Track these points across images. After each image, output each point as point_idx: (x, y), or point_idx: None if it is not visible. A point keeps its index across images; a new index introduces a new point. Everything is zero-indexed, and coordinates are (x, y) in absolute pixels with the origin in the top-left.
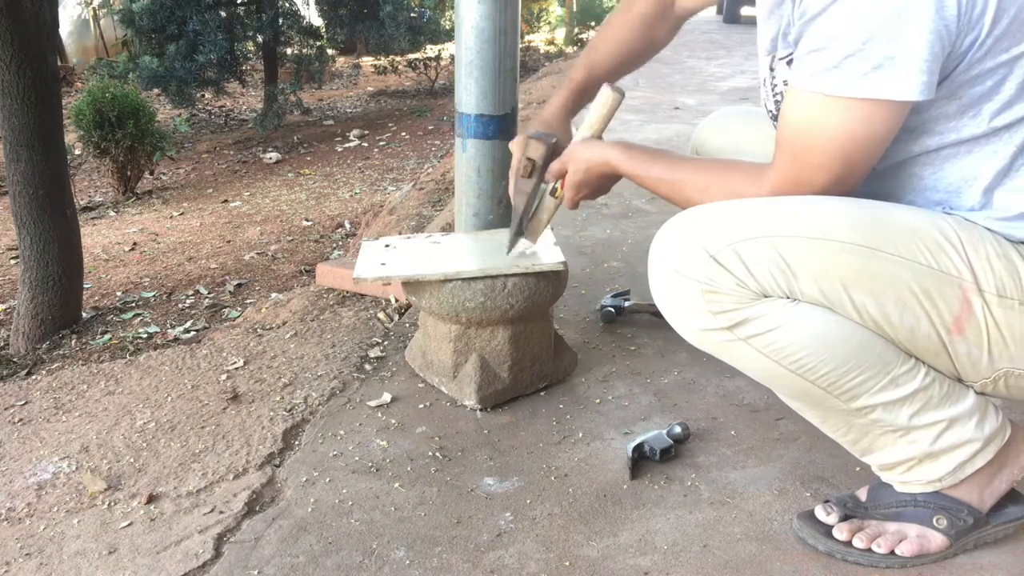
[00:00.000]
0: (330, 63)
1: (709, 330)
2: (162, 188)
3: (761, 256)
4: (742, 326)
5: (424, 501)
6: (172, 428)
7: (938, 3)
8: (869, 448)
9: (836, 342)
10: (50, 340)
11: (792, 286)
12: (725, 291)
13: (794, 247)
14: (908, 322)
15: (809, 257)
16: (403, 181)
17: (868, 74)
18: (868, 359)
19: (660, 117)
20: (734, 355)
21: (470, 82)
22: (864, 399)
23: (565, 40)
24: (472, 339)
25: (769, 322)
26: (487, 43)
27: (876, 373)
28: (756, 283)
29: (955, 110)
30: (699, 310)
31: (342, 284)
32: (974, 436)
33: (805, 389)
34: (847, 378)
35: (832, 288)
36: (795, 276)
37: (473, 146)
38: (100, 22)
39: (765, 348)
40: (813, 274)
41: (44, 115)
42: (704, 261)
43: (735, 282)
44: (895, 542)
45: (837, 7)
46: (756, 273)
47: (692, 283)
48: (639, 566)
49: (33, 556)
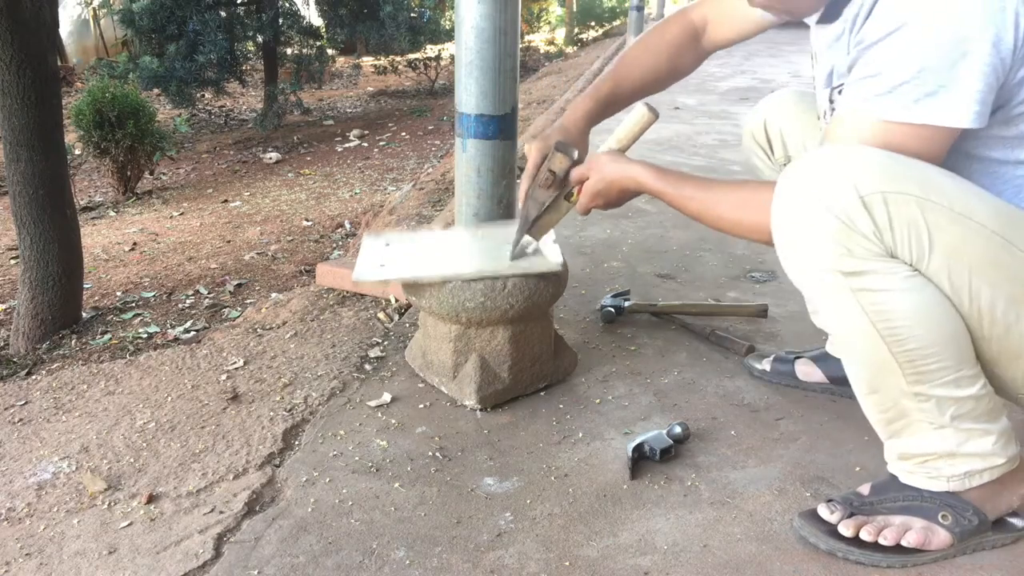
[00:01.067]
0: (330, 63)
1: (825, 269)
2: (162, 188)
3: (907, 214)
4: (859, 276)
5: (424, 501)
6: (172, 428)
7: (996, 38)
8: (899, 431)
9: (935, 323)
10: (50, 340)
11: (923, 253)
12: (859, 237)
13: (940, 216)
14: (1010, 319)
15: (950, 230)
16: (403, 181)
17: (920, 100)
18: (951, 349)
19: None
20: (835, 303)
21: (470, 82)
22: (927, 386)
23: (565, 40)
24: (472, 339)
25: (887, 282)
26: (487, 43)
27: (950, 366)
28: (892, 238)
29: (1014, 135)
30: (825, 246)
31: (342, 284)
32: (997, 453)
33: (881, 358)
34: (926, 360)
35: (959, 268)
36: (930, 245)
37: (473, 146)
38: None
39: (870, 306)
40: (946, 248)
41: (44, 115)
42: (851, 199)
43: (873, 230)
44: (901, 533)
45: (897, 36)
46: (896, 228)
47: (830, 217)
48: (639, 566)
49: (33, 556)
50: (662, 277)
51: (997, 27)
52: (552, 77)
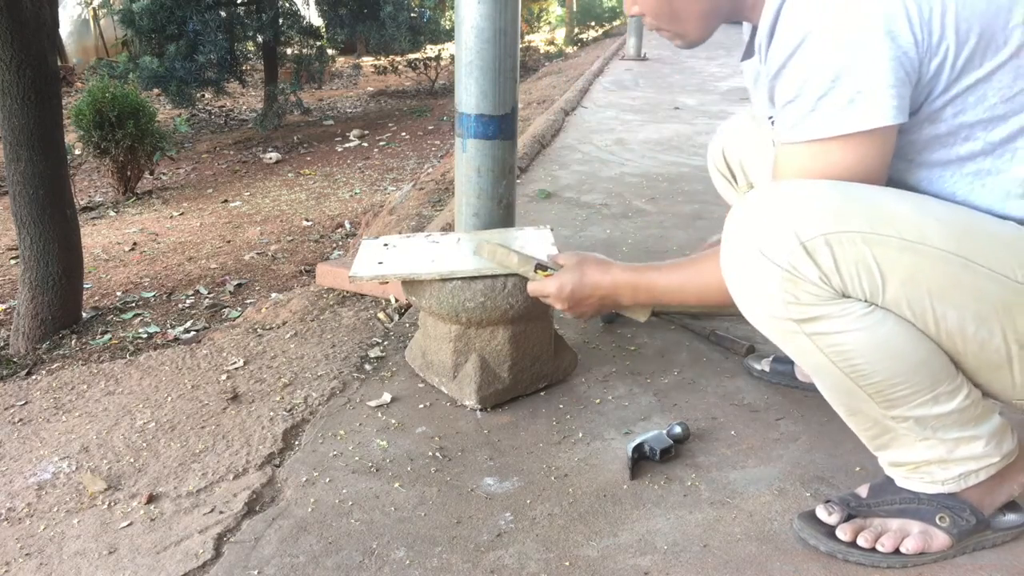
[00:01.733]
0: (330, 63)
1: (777, 318)
2: (162, 188)
3: (853, 253)
4: (812, 322)
5: (424, 501)
6: (172, 428)
7: (889, 32)
8: (886, 445)
9: (898, 355)
10: (50, 340)
11: (876, 290)
12: (806, 284)
13: (889, 249)
14: (982, 336)
15: (902, 262)
16: (403, 181)
17: (844, 109)
18: (921, 374)
19: (660, 117)
20: (792, 345)
21: (470, 82)
22: (902, 410)
23: (565, 40)
24: (472, 339)
25: (840, 324)
26: (487, 43)
27: (923, 389)
28: (840, 281)
29: (945, 131)
30: (772, 297)
31: (342, 284)
32: (990, 453)
33: (849, 389)
34: (895, 389)
35: (917, 296)
36: (883, 280)
37: (473, 146)
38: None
39: (827, 347)
40: (900, 280)
41: (44, 115)
42: (792, 247)
43: (819, 275)
44: (899, 539)
45: (800, 53)
46: (843, 270)
47: (773, 267)
48: (639, 566)
49: (33, 556)
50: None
51: (887, 21)
52: (552, 77)
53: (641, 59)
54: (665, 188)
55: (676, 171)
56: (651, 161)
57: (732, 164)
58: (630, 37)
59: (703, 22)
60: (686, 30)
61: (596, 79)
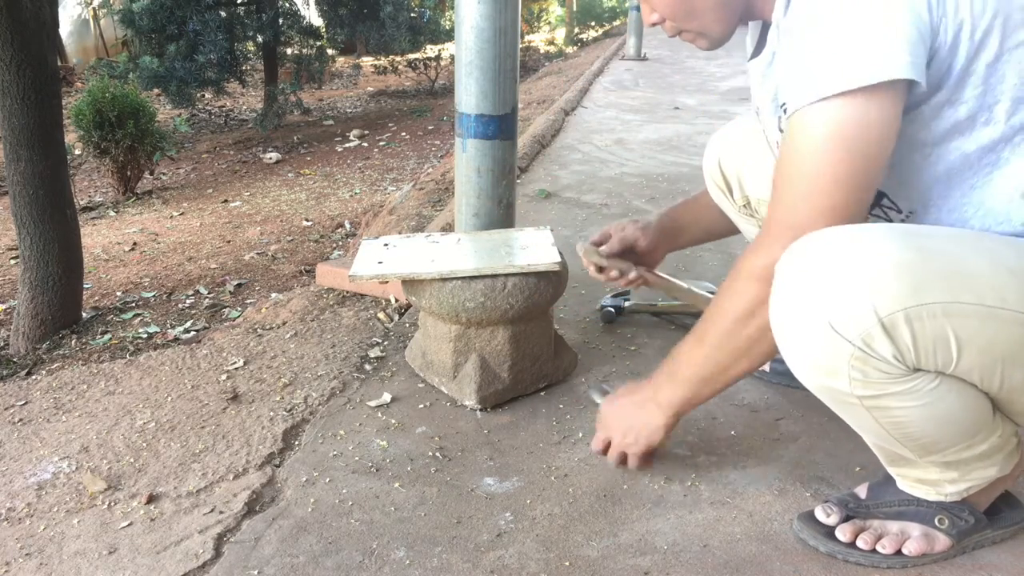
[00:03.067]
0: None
1: (839, 391)
2: (162, 188)
3: (933, 328)
4: (876, 399)
5: (424, 501)
6: (172, 428)
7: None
8: (901, 467)
9: (952, 422)
10: (50, 340)
11: (950, 362)
12: (878, 362)
13: (969, 319)
14: None
15: (981, 332)
16: (403, 181)
17: (856, 65)
18: (967, 432)
19: (660, 117)
20: (846, 413)
21: (470, 82)
22: (936, 457)
23: (565, 40)
24: (472, 339)
25: (906, 401)
26: (487, 43)
27: (963, 441)
28: (915, 358)
29: (965, 115)
30: (838, 373)
31: (342, 284)
32: (1000, 473)
33: (890, 442)
34: (937, 444)
35: (991, 362)
36: (959, 353)
37: (473, 146)
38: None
39: (883, 419)
40: (978, 349)
41: (44, 115)
42: (869, 323)
43: (894, 353)
44: (899, 542)
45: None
46: (920, 347)
47: (843, 344)
48: (639, 566)
49: (33, 556)
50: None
51: None
52: (552, 77)
53: (641, 59)
54: (665, 188)
55: (676, 171)
56: (651, 161)
57: (729, 176)
58: (630, 37)
59: (722, 14)
60: (706, 26)
61: (596, 79)
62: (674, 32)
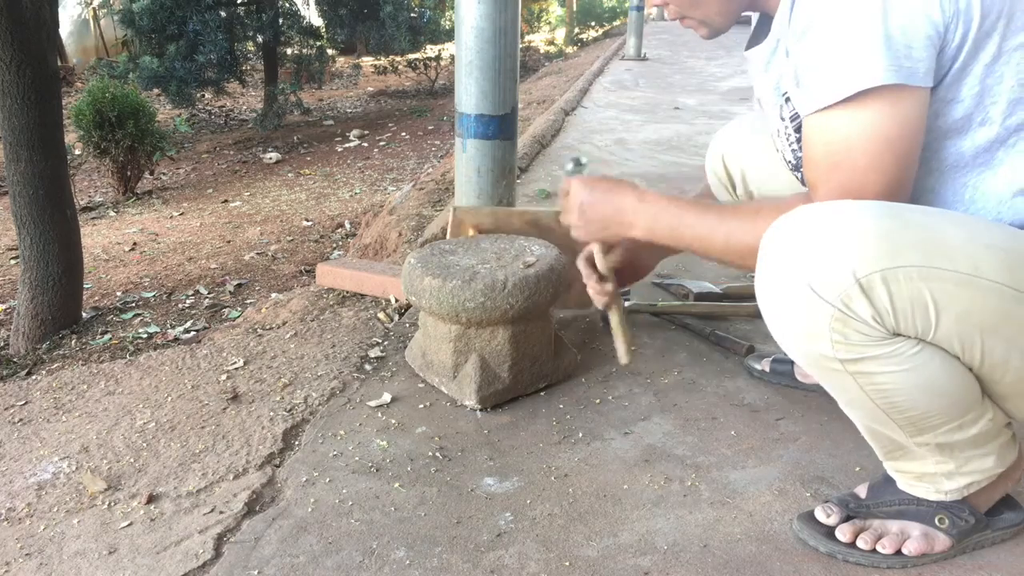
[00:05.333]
0: (330, 63)
1: (821, 355)
2: (162, 188)
3: (910, 290)
4: (858, 363)
5: (424, 501)
6: (172, 428)
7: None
8: (898, 458)
9: (939, 391)
10: (50, 340)
11: (929, 327)
12: (858, 323)
13: (946, 284)
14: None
15: (958, 297)
16: (403, 181)
17: (870, 66)
18: (955, 407)
19: (660, 117)
20: (831, 381)
21: (470, 82)
22: (928, 437)
23: (565, 40)
24: (472, 339)
25: (888, 365)
26: (487, 43)
27: (954, 418)
28: (893, 320)
29: (962, 114)
30: (819, 335)
31: (342, 284)
32: (996, 466)
33: (880, 419)
34: (928, 420)
35: (969, 332)
36: (938, 317)
37: (473, 146)
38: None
39: (869, 385)
40: (955, 315)
41: (44, 115)
42: (847, 284)
43: (873, 315)
44: (899, 542)
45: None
46: (898, 309)
47: (823, 305)
48: (639, 566)
49: (33, 556)
50: (662, 277)
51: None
52: (552, 77)
53: (641, 59)
54: (665, 188)
55: (676, 171)
56: (651, 161)
57: (732, 172)
58: (630, 37)
59: (726, 6)
60: (709, 15)
61: (596, 79)
62: (676, 16)
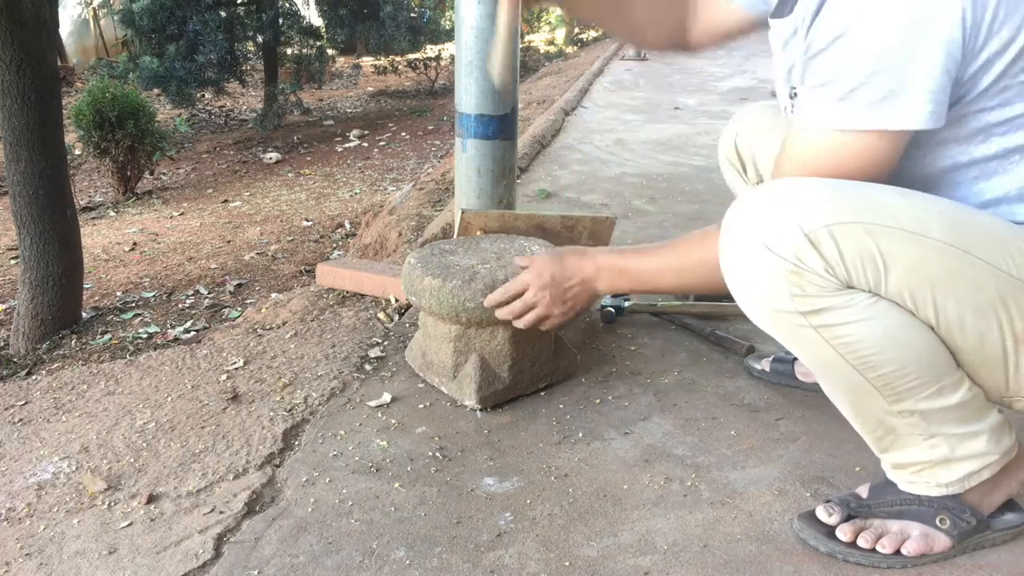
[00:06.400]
0: (330, 63)
1: (783, 311)
2: (162, 188)
3: (857, 243)
4: (818, 314)
5: (424, 501)
6: (172, 428)
7: (942, 36)
8: (890, 446)
9: (905, 344)
10: (50, 340)
11: (880, 280)
12: (811, 275)
13: (891, 239)
14: (980, 329)
15: (904, 252)
16: (403, 181)
17: (873, 105)
18: (927, 365)
19: (660, 117)
20: (799, 340)
21: (470, 82)
22: (909, 403)
23: (565, 40)
24: (472, 339)
25: (847, 315)
26: (487, 43)
27: (929, 380)
28: (844, 271)
29: (965, 134)
30: (778, 291)
31: (342, 284)
32: (991, 450)
33: (856, 384)
34: (902, 380)
35: (919, 287)
36: (886, 270)
37: (473, 146)
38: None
39: (834, 340)
40: (904, 270)
41: (44, 115)
42: (797, 239)
43: (824, 267)
44: (899, 542)
45: (843, 40)
46: (848, 260)
47: (778, 261)
48: (639, 566)
49: (33, 556)
50: None
51: (943, 25)
52: (552, 77)
53: (641, 59)
54: (665, 188)
55: (676, 171)
56: (651, 161)
57: (744, 156)
58: None
59: None
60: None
61: (596, 79)
62: None
